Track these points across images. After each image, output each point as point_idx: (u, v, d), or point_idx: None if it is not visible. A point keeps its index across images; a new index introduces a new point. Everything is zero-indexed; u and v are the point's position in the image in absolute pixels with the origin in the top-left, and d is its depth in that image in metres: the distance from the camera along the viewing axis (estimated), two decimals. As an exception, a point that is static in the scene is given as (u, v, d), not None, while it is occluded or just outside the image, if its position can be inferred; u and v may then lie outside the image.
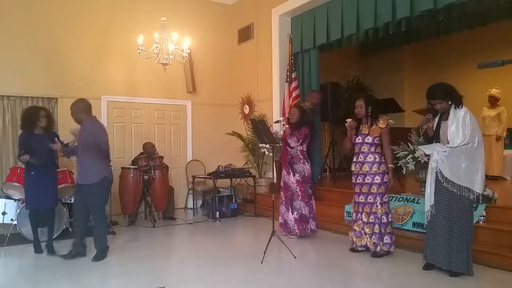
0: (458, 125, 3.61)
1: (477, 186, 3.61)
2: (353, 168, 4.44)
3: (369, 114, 4.32)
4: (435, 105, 3.76)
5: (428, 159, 3.91)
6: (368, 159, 4.30)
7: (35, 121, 4.59)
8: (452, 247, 3.64)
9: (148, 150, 6.67)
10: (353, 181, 4.45)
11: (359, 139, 4.37)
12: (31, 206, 4.64)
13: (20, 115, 5.00)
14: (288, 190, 5.18)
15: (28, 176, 4.61)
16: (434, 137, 3.85)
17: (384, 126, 4.26)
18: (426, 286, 3.54)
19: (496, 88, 7.20)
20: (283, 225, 5.25)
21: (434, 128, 3.84)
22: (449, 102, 3.68)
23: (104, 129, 4.57)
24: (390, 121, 4.41)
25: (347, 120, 4.49)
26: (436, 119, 3.85)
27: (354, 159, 4.43)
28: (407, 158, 5.10)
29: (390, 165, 4.29)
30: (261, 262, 4.15)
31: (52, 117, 4.97)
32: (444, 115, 3.77)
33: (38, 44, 6.62)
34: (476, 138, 3.62)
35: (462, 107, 3.67)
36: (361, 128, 4.39)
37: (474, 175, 3.61)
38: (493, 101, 7.16)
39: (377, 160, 4.27)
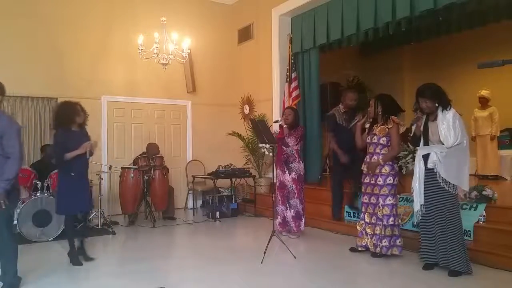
0: (449, 126, 3.66)
1: (466, 185, 3.74)
2: (362, 167, 4.45)
3: (380, 113, 4.30)
4: (421, 103, 3.81)
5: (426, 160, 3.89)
6: (372, 160, 4.31)
7: (74, 117, 4.18)
8: (447, 246, 3.67)
9: (152, 151, 6.67)
10: (363, 180, 4.47)
11: (369, 139, 4.38)
12: (71, 211, 4.24)
13: (54, 111, 4.54)
14: (285, 189, 5.21)
15: (67, 178, 4.15)
16: (421, 137, 3.87)
17: (390, 126, 4.25)
18: (425, 286, 3.54)
19: (485, 89, 7.32)
20: (282, 224, 5.27)
21: (422, 129, 3.87)
22: (436, 104, 3.73)
23: None
24: (401, 122, 4.38)
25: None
26: (423, 119, 3.89)
27: (365, 159, 4.44)
28: (407, 158, 5.10)
29: (380, 159, 4.21)
30: (261, 262, 4.15)
31: (86, 112, 4.48)
32: (432, 116, 3.81)
33: (38, 44, 6.62)
34: (465, 139, 3.71)
35: (450, 108, 3.72)
36: (373, 127, 4.39)
37: (464, 174, 3.72)
38: (484, 102, 7.28)
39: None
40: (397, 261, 4.18)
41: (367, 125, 4.50)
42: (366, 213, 4.38)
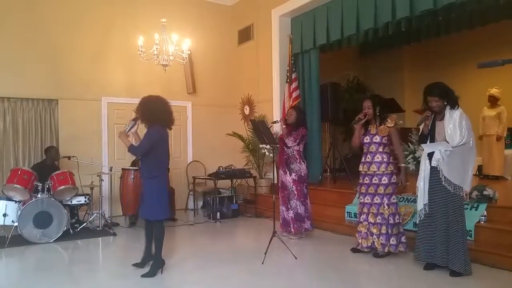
0: (455, 125, 3.65)
1: (467, 185, 3.72)
2: (361, 168, 4.43)
3: (377, 114, 4.32)
4: (430, 102, 3.80)
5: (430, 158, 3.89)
6: (376, 159, 4.29)
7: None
8: (449, 246, 3.66)
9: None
10: (360, 181, 4.45)
11: (367, 139, 4.37)
12: (140, 214, 4.19)
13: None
14: (286, 189, 5.21)
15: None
16: (428, 136, 3.86)
17: (392, 125, 4.27)
18: (426, 286, 3.53)
19: (496, 88, 7.21)
20: (283, 224, 5.27)
21: (429, 128, 3.86)
22: (445, 103, 3.73)
23: None
24: (400, 121, 4.41)
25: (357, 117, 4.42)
26: (431, 118, 3.87)
27: (363, 159, 4.42)
28: (407, 158, 5.11)
29: (402, 165, 4.28)
30: (262, 263, 4.15)
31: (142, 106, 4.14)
32: (439, 115, 3.81)
33: (39, 45, 6.63)
34: (471, 139, 3.69)
35: (458, 108, 3.72)
36: (369, 128, 4.39)
37: (466, 174, 3.70)
38: (493, 101, 7.18)
39: (385, 160, 4.27)
40: (398, 261, 4.17)
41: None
42: (370, 214, 4.35)
